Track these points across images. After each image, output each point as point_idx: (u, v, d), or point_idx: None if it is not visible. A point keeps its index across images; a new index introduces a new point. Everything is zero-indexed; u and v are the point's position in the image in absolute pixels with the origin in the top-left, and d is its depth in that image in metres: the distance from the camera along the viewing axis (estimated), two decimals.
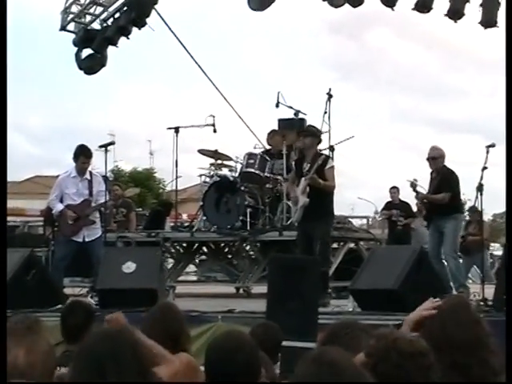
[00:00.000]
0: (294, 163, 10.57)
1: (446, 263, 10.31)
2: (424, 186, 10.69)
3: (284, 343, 5.39)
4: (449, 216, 10.24)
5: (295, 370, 2.31)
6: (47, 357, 2.92)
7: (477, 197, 9.68)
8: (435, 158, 10.36)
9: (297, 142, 10.18)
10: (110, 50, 13.55)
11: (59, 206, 10.22)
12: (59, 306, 7.86)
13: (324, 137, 10.88)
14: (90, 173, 10.37)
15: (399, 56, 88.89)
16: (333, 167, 9.85)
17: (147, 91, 75.12)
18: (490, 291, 8.59)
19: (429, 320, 3.06)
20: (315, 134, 10.14)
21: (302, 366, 2.30)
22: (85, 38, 13.46)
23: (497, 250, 25.52)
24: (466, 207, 15.29)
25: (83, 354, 2.70)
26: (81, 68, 13.61)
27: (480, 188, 9.52)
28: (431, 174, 10.55)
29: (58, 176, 13.17)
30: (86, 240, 10.07)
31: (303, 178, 9.75)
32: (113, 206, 12.62)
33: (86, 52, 13.55)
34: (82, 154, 10.18)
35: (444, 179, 10.24)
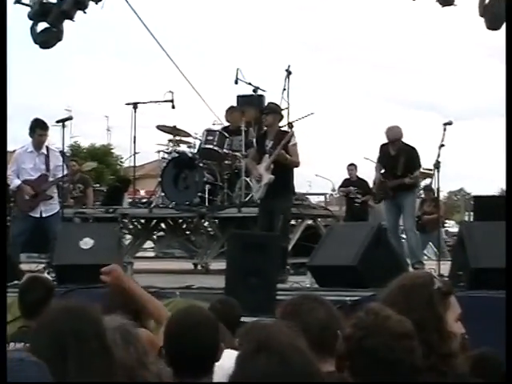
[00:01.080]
0: (255, 140, 10.56)
1: (405, 238, 10.39)
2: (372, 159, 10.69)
3: (243, 319, 5.41)
4: (408, 191, 10.33)
5: (239, 356, 2.25)
6: None
7: (433, 174, 9.77)
8: (398, 139, 10.41)
9: (264, 122, 10.18)
10: (66, 23, 13.38)
11: (16, 182, 10.12)
12: (16, 281, 7.78)
13: (283, 113, 10.88)
14: (47, 147, 10.27)
15: (363, 33, 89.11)
16: (296, 144, 9.88)
17: (105, 67, 74.53)
18: (445, 267, 8.71)
19: (392, 296, 3.04)
20: (276, 111, 10.16)
21: (247, 354, 2.23)
22: (40, 11, 13.23)
23: (452, 226, 25.85)
24: (421, 185, 15.43)
25: (44, 330, 2.67)
26: (36, 42, 13.38)
27: (437, 165, 9.60)
28: (385, 148, 10.52)
29: (14, 151, 13.06)
30: (44, 215, 10.00)
31: (267, 155, 9.76)
32: (70, 182, 12.52)
33: (42, 26, 13.34)
34: (38, 127, 10.08)
35: (411, 158, 10.28)
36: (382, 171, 10.64)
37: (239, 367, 2.20)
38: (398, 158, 10.33)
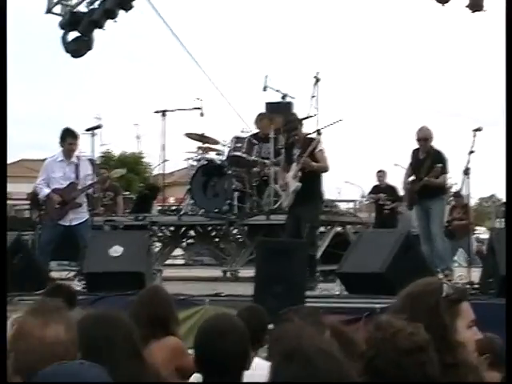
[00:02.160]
0: (284, 149, 10.56)
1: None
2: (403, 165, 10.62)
3: (270, 326, 5.40)
4: (436, 197, 10.27)
5: (271, 365, 2.27)
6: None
7: (463, 180, 9.71)
8: (427, 138, 10.34)
9: (296, 137, 10.16)
10: (97, 32, 13.48)
11: (45, 191, 10.20)
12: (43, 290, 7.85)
13: (312, 120, 10.90)
14: (77, 157, 10.34)
15: (391, 39, 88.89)
16: (323, 150, 9.87)
17: (134, 75, 74.88)
18: (475, 274, 8.65)
19: (400, 304, 3.03)
20: (296, 124, 10.16)
21: (278, 362, 2.25)
22: (71, 20, 13.36)
23: (483, 233, 25.63)
24: (452, 191, 15.35)
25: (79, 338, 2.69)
26: (67, 51, 13.51)
27: (467, 172, 9.55)
28: (416, 153, 10.49)
29: (44, 159, 13.16)
30: (73, 223, 10.05)
31: (294, 164, 9.77)
32: (100, 190, 12.60)
33: (73, 35, 13.45)
34: (68, 136, 10.16)
35: (437, 161, 10.22)
36: (412, 178, 10.58)
37: (272, 375, 2.23)
38: (425, 160, 10.28)
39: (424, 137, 10.32)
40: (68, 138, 10.14)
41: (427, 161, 10.25)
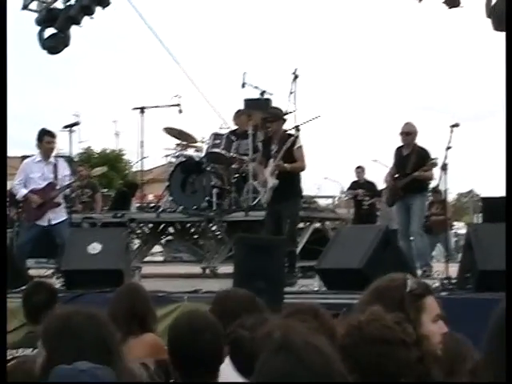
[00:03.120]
0: (261, 144, 10.55)
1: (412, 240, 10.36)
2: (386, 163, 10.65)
3: None
4: (418, 193, 10.32)
5: (260, 358, 2.26)
6: None
7: (441, 176, 9.76)
8: (409, 133, 10.39)
9: (269, 130, 10.13)
10: (74, 29, 13.42)
11: (23, 192, 10.17)
12: (23, 287, 7.81)
13: (290, 117, 10.89)
14: (56, 157, 10.32)
15: (369, 35, 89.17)
16: (301, 147, 9.86)
17: (112, 72, 74.59)
18: (453, 270, 8.69)
19: (367, 299, 3.06)
20: (280, 117, 10.15)
21: (266, 355, 2.25)
22: (47, 17, 13.28)
23: (461, 228, 25.75)
24: (430, 187, 15.42)
25: (67, 335, 2.68)
26: (44, 48, 13.42)
27: (444, 167, 9.60)
28: (399, 150, 10.53)
29: (21, 157, 13.11)
30: (52, 223, 10.02)
31: (271, 160, 9.76)
32: (78, 187, 12.54)
33: (49, 31, 13.38)
34: (46, 135, 10.12)
35: (422, 158, 10.27)
36: (396, 175, 10.61)
37: (260, 367, 2.23)
38: (409, 157, 10.33)
39: (407, 131, 10.38)
40: (45, 136, 10.10)
41: (412, 157, 10.31)
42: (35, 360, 2.77)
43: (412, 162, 10.25)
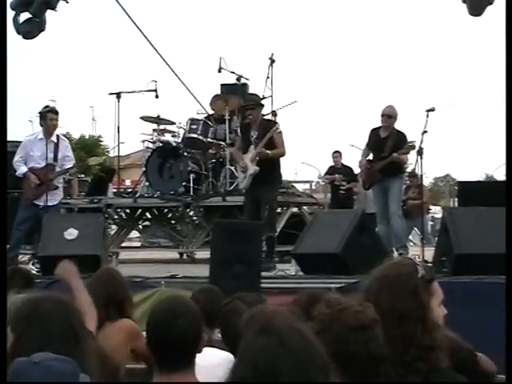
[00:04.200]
0: (239, 130, 10.51)
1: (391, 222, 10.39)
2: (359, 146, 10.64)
3: None
4: (395, 176, 10.35)
5: (242, 340, 2.28)
6: None
7: (417, 160, 9.80)
8: (391, 116, 10.40)
9: (250, 117, 10.08)
10: (49, 13, 13.32)
11: (23, 169, 10.17)
12: None
13: (267, 102, 10.89)
14: (57, 136, 10.30)
15: (345, 19, 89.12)
16: (281, 133, 9.83)
17: (88, 56, 74.13)
18: (429, 253, 8.76)
19: (370, 284, 3.04)
20: (259, 104, 10.12)
21: (249, 337, 2.27)
22: (22, 1, 13.15)
23: (438, 212, 25.93)
24: (407, 171, 15.48)
25: (53, 319, 2.69)
26: (19, 32, 13.31)
27: (420, 152, 9.64)
28: (375, 131, 10.51)
29: None
30: (48, 204, 10.00)
31: (252, 146, 9.72)
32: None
33: (24, 16, 13.28)
34: (49, 111, 10.15)
35: (400, 141, 10.29)
36: (370, 157, 10.62)
37: (242, 349, 2.25)
38: (387, 140, 10.33)
39: (388, 113, 10.39)
40: (49, 114, 10.13)
41: (389, 140, 10.32)
42: None
43: (389, 145, 10.27)
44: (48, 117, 10.12)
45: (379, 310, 2.83)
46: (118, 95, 12.91)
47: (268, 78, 11.48)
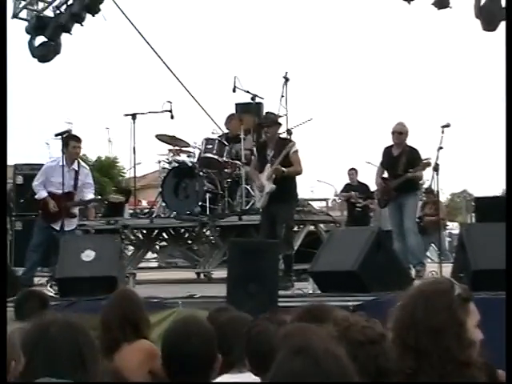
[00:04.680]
0: (255, 149, 10.52)
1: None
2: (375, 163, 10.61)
3: None
4: (410, 192, 10.33)
5: (277, 359, 2.26)
6: None
7: (433, 177, 9.77)
8: (402, 132, 10.39)
9: (268, 135, 10.08)
10: (64, 37, 13.42)
11: (43, 193, 10.25)
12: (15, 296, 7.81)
13: (282, 120, 10.89)
14: (78, 163, 10.33)
15: (360, 37, 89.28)
16: (297, 151, 9.83)
17: (104, 78, 74.50)
18: (447, 270, 8.71)
19: (406, 300, 3.04)
20: (276, 122, 10.14)
21: (284, 356, 2.25)
22: (38, 25, 13.28)
23: (455, 228, 25.80)
24: (424, 187, 15.44)
25: (59, 343, 2.68)
26: (34, 56, 13.43)
27: (436, 168, 9.61)
28: (388, 150, 10.52)
29: (14, 166, 13.08)
30: (65, 229, 10.04)
31: (268, 165, 9.73)
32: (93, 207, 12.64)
33: (40, 40, 13.39)
34: (72, 139, 10.20)
35: (413, 158, 10.27)
36: (385, 175, 10.62)
37: (276, 368, 2.23)
38: (400, 158, 10.32)
39: (399, 130, 10.38)
40: (71, 141, 10.16)
41: (402, 158, 10.30)
42: None
43: (402, 162, 10.26)
44: (71, 144, 10.14)
45: (414, 325, 2.86)
46: (134, 116, 12.97)
47: (282, 96, 11.49)
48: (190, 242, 13.27)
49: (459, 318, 2.93)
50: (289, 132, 11.70)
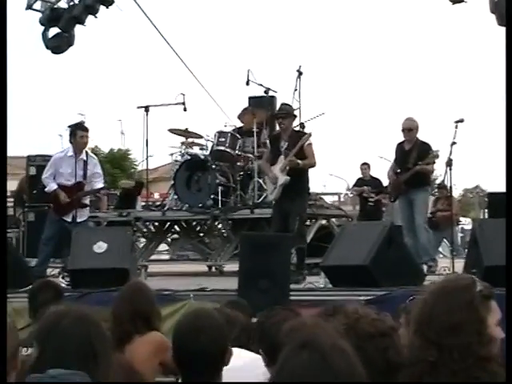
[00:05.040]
0: (269, 141, 10.49)
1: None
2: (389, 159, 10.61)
3: (254, 320, 5.41)
4: (420, 188, 10.31)
5: (283, 353, 2.25)
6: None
7: (446, 172, 9.75)
8: (411, 129, 10.38)
9: (282, 126, 10.04)
10: (78, 28, 13.44)
11: (53, 185, 10.22)
12: (29, 286, 7.83)
13: (296, 114, 10.87)
14: (87, 153, 10.33)
15: (373, 31, 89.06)
16: (311, 144, 9.81)
17: (117, 70, 74.59)
18: (459, 265, 8.68)
19: (428, 295, 3.04)
20: (291, 113, 10.09)
21: (290, 350, 2.24)
22: (51, 16, 13.29)
23: (468, 224, 25.73)
24: (436, 183, 15.42)
25: (68, 336, 2.69)
26: (48, 47, 13.44)
27: (449, 163, 9.58)
28: (401, 145, 10.52)
29: (27, 157, 13.12)
30: (77, 220, 10.05)
31: (282, 157, 9.70)
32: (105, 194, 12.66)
33: (53, 31, 13.40)
34: (78, 129, 10.20)
35: (424, 152, 10.26)
36: (398, 171, 10.61)
37: (282, 362, 2.22)
38: (411, 152, 10.32)
39: (408, 127, 10.37)
40: (78, 130, 10.15)
41: (413, 152, 10.29)
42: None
43: (413, 156, 10.26)
44: (78, 134, 10.13)
45: (435, 320, 2.87)
46: (147, 109, 12.99)
47: (296, 90, 11.48)
48: (201, 234, 13.29)
49: (480, 315, 2.93)
50: (302, 126, 11.70)
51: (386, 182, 12.65)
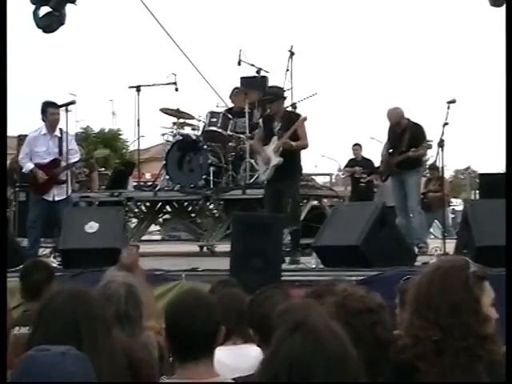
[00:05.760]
0: (261, 122, 10.45)
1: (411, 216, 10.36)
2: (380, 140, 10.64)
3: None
4: (412, 170, 10.32)
5: (276, 334, 2.27)
6: None
7: (438, 153, 9.75)
8: (398, 122, 10.41)
9: (270, 110, 10.00)
10: (69, 7, 13.35)
11: (29, 165, 10.21)
12: (21, 266, 7.82)
13: (287, 94, 10.84)
14: (61, 130, 10.30)
15: (365, 12, 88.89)
16: (304, 126, 9.78)
17: (108, 50, 74.26)
18: (450, 246, 8.72)
19: (423, 276, 3.07)
20: (280, 96, 10.04)
21: (284, 332, 2.26)
22: None
23: (459, 205, 25.78)
24: (428, 163, 15.42)
25: (55, 315, 2.68)
26: (39, 26, 13.35)
27: (441, 144, 9.59)
28: (392, 128, 10.54)
29: (18, 136, 13.07)
30: (56, 199, 10.04)
31: (275, 137, 9.67)
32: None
33: (44, 10, 13.31)
34: (49, 106, 10.15)
35: (415, 134, 10.27)
36: (390, 150, 10.64)
37: (276, 344, 2.24)
38: (403, 134, 10.34)
39: (396, 121, 10.42)
40: (49, 108, 10.11)
41: (406, 134, 10.30)
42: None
43: (406, 138, 10.28)
44: (49, 111, 10.11)
45: (432, 301, 2.91)
46: (138, 88, 12.92)
47: (288, 70, 11.44)
48: (193, 215, 13.27)
49: (476, 295, 2.98)
50: (293, 106, 11.66)
51: (377, 162, 12.65)
